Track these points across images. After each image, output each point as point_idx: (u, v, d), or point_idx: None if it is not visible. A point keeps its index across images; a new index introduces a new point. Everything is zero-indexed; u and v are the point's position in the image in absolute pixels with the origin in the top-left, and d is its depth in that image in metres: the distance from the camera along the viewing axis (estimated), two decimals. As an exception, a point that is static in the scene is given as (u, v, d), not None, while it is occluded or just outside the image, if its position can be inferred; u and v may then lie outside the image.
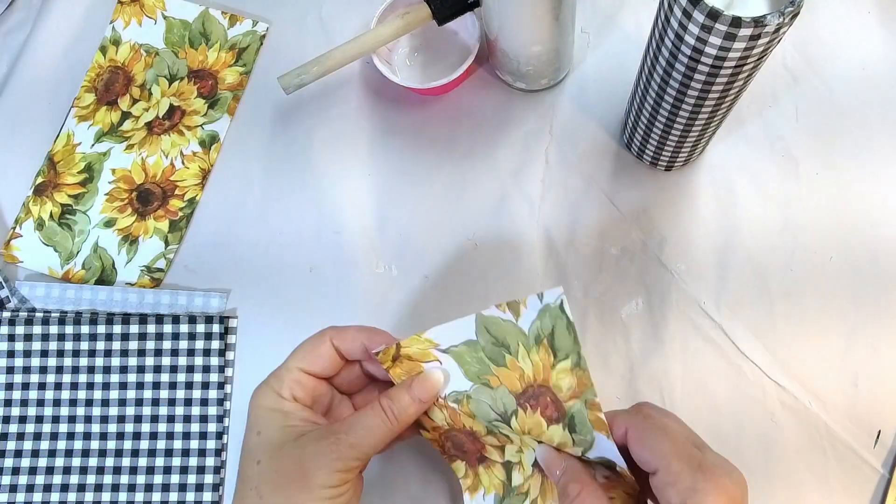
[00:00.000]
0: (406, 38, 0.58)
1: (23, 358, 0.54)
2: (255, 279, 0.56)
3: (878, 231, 0.53)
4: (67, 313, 0.54)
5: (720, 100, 0.42)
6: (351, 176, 0.57)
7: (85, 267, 0.57)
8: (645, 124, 0.49)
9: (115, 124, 0.59)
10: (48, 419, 0.53)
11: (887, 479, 0.48)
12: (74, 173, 0.59)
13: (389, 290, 0.54)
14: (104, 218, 0.58)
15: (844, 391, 0.50)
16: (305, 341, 0.43)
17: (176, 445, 0.52)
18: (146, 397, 0.53)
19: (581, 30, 0.58)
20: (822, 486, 0.48)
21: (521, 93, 0.58)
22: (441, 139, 0.57)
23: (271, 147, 0.58)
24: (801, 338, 0.51)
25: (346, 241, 0.56)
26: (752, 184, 0.54)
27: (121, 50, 0.61)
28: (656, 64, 0.42)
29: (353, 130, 0.58)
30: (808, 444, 0.49)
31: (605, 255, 0.54)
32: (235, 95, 0.60)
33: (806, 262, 0.52)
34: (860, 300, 0.51)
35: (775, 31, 0.35)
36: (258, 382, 0.42)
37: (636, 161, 0.55)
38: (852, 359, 0.50)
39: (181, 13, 0.62)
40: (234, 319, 0.55)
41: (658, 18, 0.40)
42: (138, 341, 0.54)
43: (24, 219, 0.58)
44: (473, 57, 0.54)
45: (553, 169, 0.56)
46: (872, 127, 0.55)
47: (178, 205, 0.58)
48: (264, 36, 0.61)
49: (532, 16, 0.48)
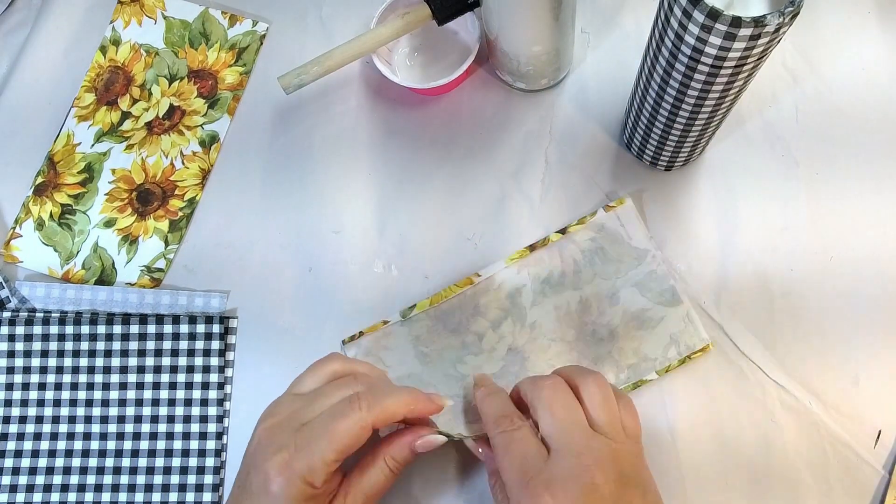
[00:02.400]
0: (406, 38, 0.58)
1: (23, 358, 0.54)
2: (255, 279, 0.56)
3: (878, 231, 0.53)
4: (67, 313, 0.54)
5: (720, 100, 0.42)
6: (351, 176, 0.57)
7: (85, 267, 0.57)
8: (645, 124, 0.49)
9: (115, 124, 0.59)
10: (48, 419, 0.53)
11: (887, 480, 0.48)
12: (74, 173, 0.59)
13: (389, 290, 0.54)
14: (104, 218, 0.58)
15: (845, 391, 0.50)
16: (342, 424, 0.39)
17: (176, 446, 0.52)
18: (146, 397, 0.53)
19: (581, 30, 0.58)
20: (822, 486, 0.48)
21: (521, 93, 0.58)
22: (441, 139, 0.57)
23: (271, 147, 0.58)
24: (802, 337, 0.51)
25: (346, 241, 0.56)
26: (752, 184, 0.54)
27: (121, 50, 0.61)
28: (656, 64, 0.42)
29: (353, 130, 0.58)
30: (808, 444, 0.49)
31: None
32: (235, 95, 0.60)
33: (806, 262, 0.52)
34: (860, 300, 0.51)
35: (775, 31, 0.35)
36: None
37: (636, 161, 0.55)
38: (852, 359, 0.50)
39: (181, 13, 0.62)
40: (234, 319, 0.55)
41: (658, 18, 0.40)
42: (138, 341, 0.54)
43: (24, 219, 0.58)
44: (473, 57, 0.54)
45: (553, 169, 0.56)
46: (872, 127, 0.55)
47: (178, 205, 0.58)
48: (264, 36, 0.61)
49: (532, 16, 0.48)
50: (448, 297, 0.52)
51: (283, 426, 0.40)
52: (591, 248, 0.52)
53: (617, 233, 0.52)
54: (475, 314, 0.52)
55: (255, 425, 0.43)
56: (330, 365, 0.45)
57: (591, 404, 0.40)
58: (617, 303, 0.51)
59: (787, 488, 0.48)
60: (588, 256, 0.52)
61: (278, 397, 0.44)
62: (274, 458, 0.39)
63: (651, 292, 0.51)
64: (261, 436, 0.41)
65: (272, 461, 0.39)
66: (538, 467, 0.37)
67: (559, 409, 0.39)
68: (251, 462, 0.40)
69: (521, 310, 0.52)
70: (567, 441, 0.38)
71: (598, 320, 0.51)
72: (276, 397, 0.53)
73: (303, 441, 0.39)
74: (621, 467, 0.38)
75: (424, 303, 0.52)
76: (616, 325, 0.51)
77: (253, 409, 0.53)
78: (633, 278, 0.51)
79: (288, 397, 0.43)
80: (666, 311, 0.51)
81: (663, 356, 0.50)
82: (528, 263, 0.53)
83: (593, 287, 0.52)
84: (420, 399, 0.42)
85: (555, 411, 0.39)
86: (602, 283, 0.51)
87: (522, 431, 0.40)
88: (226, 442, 0.53)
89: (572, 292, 0.52)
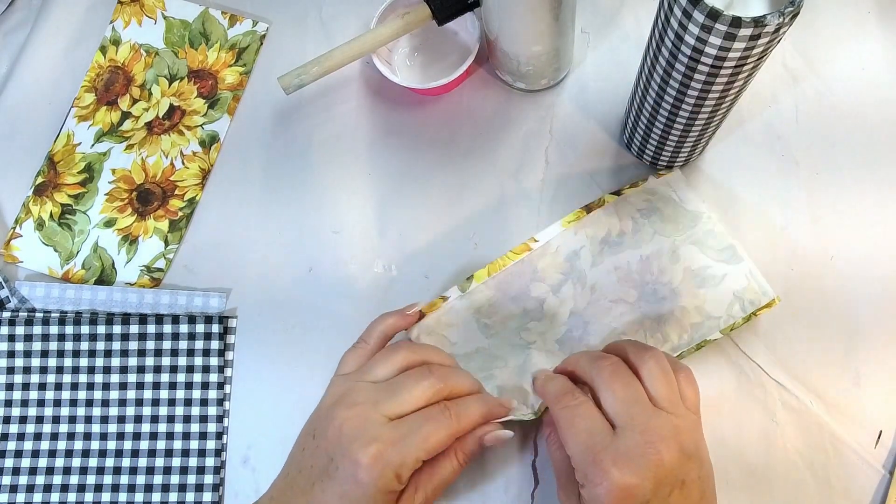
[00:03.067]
0: (406, 38, 0.58)
1: (23, 358, 0.54)
2: (255, 279, 0.56)
3: (878, 231, 0.53)
4: (67, 313, 0.54)
5: (720, 100, 0.42)
6: (351, 176, 0.57)
7: (85, 267, 0.57)
8: (645, 124, 0.49)
9: (115, 124, 0.59)
10: (48, 419, 0.53)
11: (888, 479, 0.48)
12: (74, 173, 0.59)
13: (389, 290, 0.54)
14: (104, 218, 0.58)
15: (845, 391, 0.50)
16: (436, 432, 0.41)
17: (176, 446, 0.52)
18: (146, 397, 0.53)
19: (581, 30, 0.58)
20: (822, 486, 0.48)
21: (521, 93, 0.58)
22: (441, 139, 0.57)
23: (271, 147, 0.58)
24: (802, 337, 0.51)
25: (346, 241, 0.56)
26: (752, 184, 0.54)
27: (121, 50, 0.61)
28: (656, 64, 0.42)
29: (353, 130, 0.58)
30: (808, 443, 0.49)
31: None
32: (235, 95, 0.60)
33: (806, 262, 0.52)
34: (861, 300, 0.51)
35: (775, 31, 0.35)
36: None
37: (636, 161, 0.55)
38: (853, 358, 0.50)
39: (181, 13, 0.62)
40: (233, 319, 0.55)
41: (658, 18, 0.40)
42: (138, 341, 0.54)
43: (24, 219, 0.58)
44: (473, 57, 0.54)
45: (553, 169, 0.56)
46: (872, 126, 0.55)
47: (178, 205, 0.58)
48: (264, 36, 0.61)
49: (532, 16, 0.48)
50: (505, 266, 0.52)
51: (369, 417, 0.41)
52: (647, 207, 0.52)
53: (669, 197, 0.52)
54: (534, 279, 0.51)
55: (327, 413, 0.43)
56: (401, 353, 0.45)
57: (650, 382, 0.41)
58: (677, 260, 0.50)
59: (787, 488, 0.48)
60: (646, 215, 0.52)
61: (346, 385, 0.44)
62: (367, 448, 0.40)
63: (711, 250, 0.50)
64: (345, 425, 0.41)
65: (365, 451, 0.40)
66: (604, 442, 0.39)
67: (620, 388, 0.41)
68: (337, 449, 0.41)
69: (581, 272, 0.51)
70: (630, 419, 0.40)
71: (660, 279, 0.50)
72: (272, 396, 0.53)
73: (397, 437, 0.41)
74: (682, 441, 0.39)
75: (482, 273, 0.52)
76: (677, 284, 0.50)
77: (253, 409, 0.53)
78: (692, 237, 0.51)
79: (364, 385, 0.44)
80: (727, 268, 0.50)
81: (727, 314, 0.49)
82: (584, 224, 0.52)
83: (653, 245, 0.51)
84: (494, 408, 0.45)
85: (616, 390, 0.41)
86: (662, 240, 0.51)
87: (585, 406, 0.41)
88: (225, 442, 0.53)
89: (632, 251, 0.51)
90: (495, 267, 0.52)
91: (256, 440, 0.53)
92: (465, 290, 0.51)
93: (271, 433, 0.52)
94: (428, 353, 0.47)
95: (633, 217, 0.52)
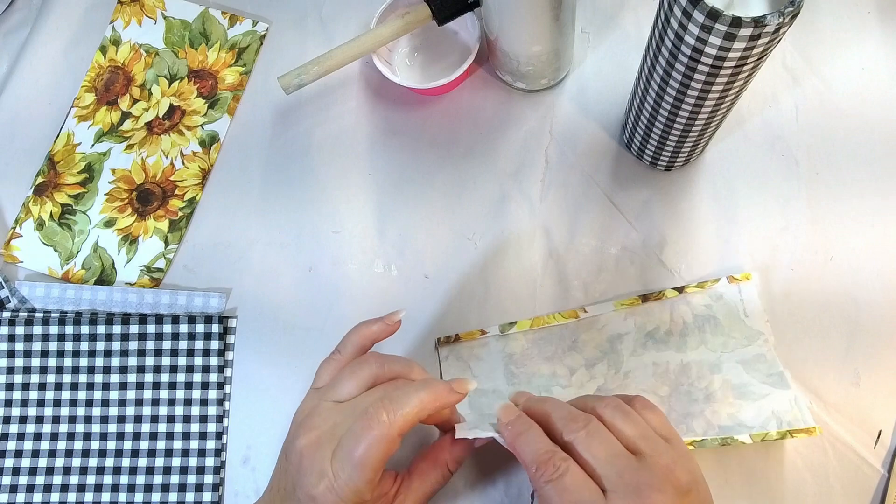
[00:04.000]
0: (406, 38, 0.58)
1: (23, 358, 0.54)
2: (254, 279, 0.56)
3: (878, 231, 0.53)
4: (67, 313, 0.54)
5: (720, 100, 0.42)
6: (351, 176, 0.57)
7: (85, 267, 0.57)
8: (645, 124, 0.49)
9: (115, 124, 0.59)
10: (48, 419, 0.53)
11: (887, 479, 0.48)
12: (74, 173, 0.59)
13: (389, 290, 0.54)
14: (104, 218, 0.58)
15: (845, 391, 0.50)
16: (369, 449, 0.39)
17: (175, 446, 0.52)
18: (146, 397, 0.53)
19: (581, 30, 0.58)
20: (822, 485, 0.48)
21: (521, 93, 0.58)
22: (441, 139, 0.57)
23: (271, 147, 0.58)
24: (802, 337, 0.51)
25: (346, 241, 0.56)
26: (752, 184, 0.54)
27: (121, 50, 0.61)
28: (656, 64, 0.42)
29: (353, 130, 0.58)
30: (808, 443, 0.49)
31: (605, 254, 0.54)
32: (235, 95, 0.60)
33: (806, 262, 0.52)
34: (861, 300, 0.51)
35: (775, 31, 0.35)
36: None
37: (636, 161, 0.55)
38: (853, 358, 0.50)
39: (181, 13, 0.62)
40: (233, 319, 0.55)
41: (658, 18, 0.40)
42: (138, 341, 0.54)
43: (24, 219, 0.58)
44: (473, 57, 0.54)
45: (553, 169, 0.56)
46: (872, 126, 0.55)
47: (178, 205, 0.58)
48: (264, 36, 0.61)
49: (532, 16, 0.48)
50: (549, 325, 0.52)
51: (322, 445, 0.40)
52: (704, 314, 0.51)
53: (735, 306, 0.51)
54: (572, 349, 0.51)
55: (294, 431, 0.42)
56: (367, 368, 0.43)
57: (616, 427, 0.40)
58: (719, 371, 0.49)
59: (787, 488, 0.48)
60: (699, 322, 0.50)
61: (314, 401, 0.43)
62: (319, 483, 0.39)
63: (758, 373, 0.49)
64: (303, 453, 0.40)
65: (317, 486, 0.39)
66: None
67: (599, 449, 0.39)
68: (297, 480, 0.40)
69: (619, 356, 0.51)
70: (619, 478, 0.38)
71: (696, 384, 0.49)
72: (272, 396, 0.53)
73: (338, 467, 0.39)
74: (674, 481, 0.38)
75: (525, 323, 0.52)
76: (714, 390, 0.49)
77: (252, 409, 0.53)
78: (740, 356, 0.49)
79: (327, 406, 0.42)
80: (772, 390, 0.48)
81: (761, 426, 0.47)
82: (636, 312, 0.51)
83: (697, 354, 0.50)
84: (440, 393, 0.41)
85: (596, 453, 0.39)
86: (707, 353, 0.50)
87: (571, 476, 0.38)
88: (225, 442, 0.53)
89: (675, 353, 0.50)
90: (539, 322, 0.52)
91: (256, 440, 0.53)
92: (503, 332, 0.52)
93: (271, 433, 0.52)
94: (395, 365, 0.44)
95: (685, 320, 0.51)
